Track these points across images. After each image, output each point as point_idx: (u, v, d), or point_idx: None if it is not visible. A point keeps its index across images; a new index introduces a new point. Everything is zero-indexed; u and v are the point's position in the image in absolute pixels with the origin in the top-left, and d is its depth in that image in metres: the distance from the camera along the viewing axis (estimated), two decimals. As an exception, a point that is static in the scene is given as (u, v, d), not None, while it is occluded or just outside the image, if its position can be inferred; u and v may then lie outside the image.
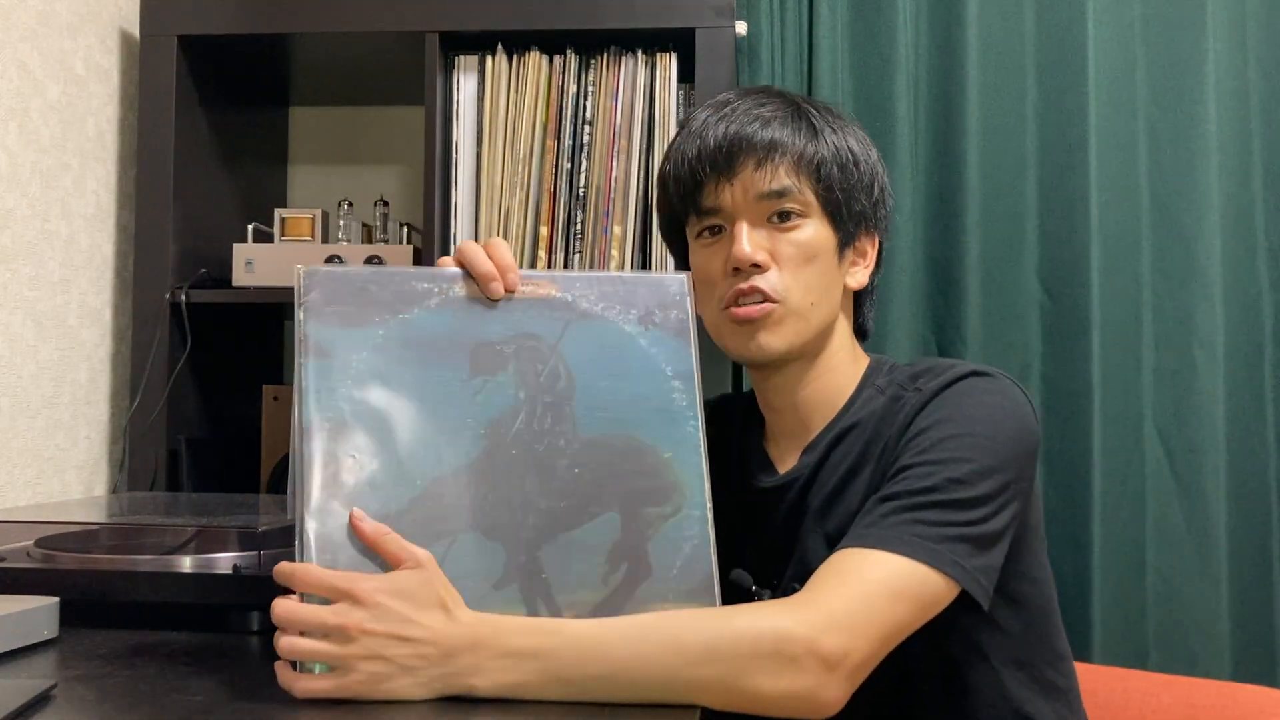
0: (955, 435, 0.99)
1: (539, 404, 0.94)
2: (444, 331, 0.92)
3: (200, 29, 1.67)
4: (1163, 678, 1.38)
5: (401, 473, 0.88)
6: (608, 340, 0.98)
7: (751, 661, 0.84)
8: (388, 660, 0.80)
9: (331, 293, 0.90)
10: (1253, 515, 1.73)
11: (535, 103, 1.64)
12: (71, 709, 0.81)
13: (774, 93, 1.13)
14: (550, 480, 0.93)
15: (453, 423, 0.91)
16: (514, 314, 0.96)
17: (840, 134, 1.10)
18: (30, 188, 1.53)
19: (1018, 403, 1.04)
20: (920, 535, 0.94)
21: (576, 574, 0.91)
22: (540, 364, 0.95)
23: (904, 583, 0.92)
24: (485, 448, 0.91)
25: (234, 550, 1.12)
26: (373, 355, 0.89)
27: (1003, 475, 0.99)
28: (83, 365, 1.65)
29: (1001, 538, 0.99)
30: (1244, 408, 1.74)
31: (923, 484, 0.97)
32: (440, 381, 0.91)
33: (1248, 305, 1.76)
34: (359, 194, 1.94)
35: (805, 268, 1.07)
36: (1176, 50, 1.77)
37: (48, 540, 1.18)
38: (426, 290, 0.93)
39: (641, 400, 0.97)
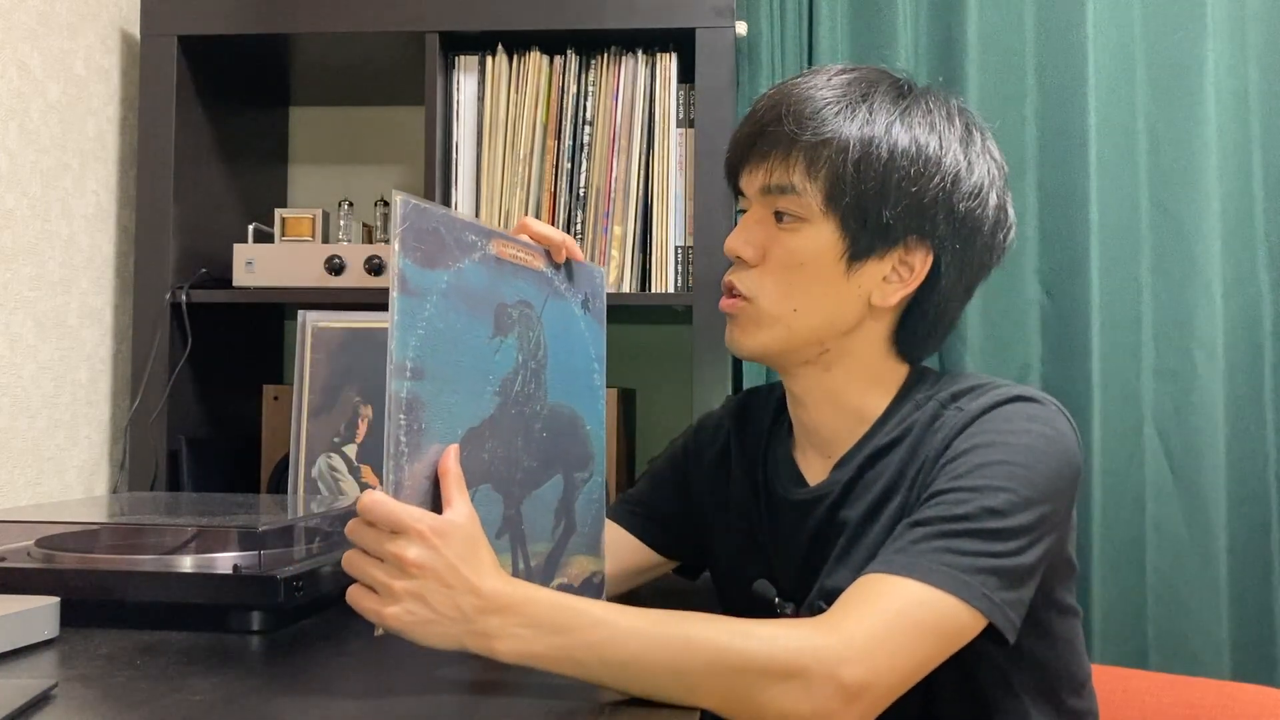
0: (994, 463, 0.94)
1: (529, 368, 1.00)
2: (481, 287, 0.95)
3: (200, 29, 1.67)
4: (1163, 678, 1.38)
5: (452, 419, 0.91)
6: (566, 318, 1.06)
7: (766, 680, 0.84)
8: (427, 603, 0.83)
9: (418, 230, 0.91)
10: (1253, 515, 1.73)
11: (535, 103, 1.64)
12: (71, 709, 0.81)
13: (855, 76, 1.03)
14: (530, 440, 1.00)
15: (480, 378, 0.95)
16: (518, 280, 1.00)
17: (894, 134, 1.00)
18: (30, 188, 1.53)
19: (1061, 433, 0.98)
20: (950, 565, 0.90)
21: (540, 527, 1.00)
22: (532, 331, 1.01)
23: (930, 614, 0.88)
24: (499, 404, 0.96)
25: (234, 550, 1.12)
26: (440, 300, 0.91)
27: (1040, 508, 0.94)
28: (83, 365, 1.65)
29: (1033, 572, 0.95)
30: (1244, 408, 1.74)
31: (957, 511, 0.92)
32: (476, 336, 0.95)
33: (1248, 305, 1.76)
34: (359, 194, 1.94)
35: (789, 273, 1.02)
36: (1176, 50, 1.77)
37: (48, 540, 1.18)
38: (473, 243, 0.95)
39: (579, 375, 1.07)
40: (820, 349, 1.04)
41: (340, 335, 1.53)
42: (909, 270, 1.02)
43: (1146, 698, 1.33)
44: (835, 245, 1.01)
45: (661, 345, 1.91)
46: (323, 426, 1.52)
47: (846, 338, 1.04)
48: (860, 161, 0.99)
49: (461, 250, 0.94)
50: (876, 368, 1.06)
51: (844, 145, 0.99)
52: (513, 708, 0.85)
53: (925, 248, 1.01)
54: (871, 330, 1.05)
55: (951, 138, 1.02)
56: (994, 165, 1.05)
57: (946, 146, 1.01)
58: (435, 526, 0.84)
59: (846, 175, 0.99)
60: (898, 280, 1.02)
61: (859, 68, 1.06)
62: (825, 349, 1.04)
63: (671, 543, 1.23)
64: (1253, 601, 1.72)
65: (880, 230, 1.00)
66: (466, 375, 0.93)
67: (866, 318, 1.04)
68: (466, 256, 0.94)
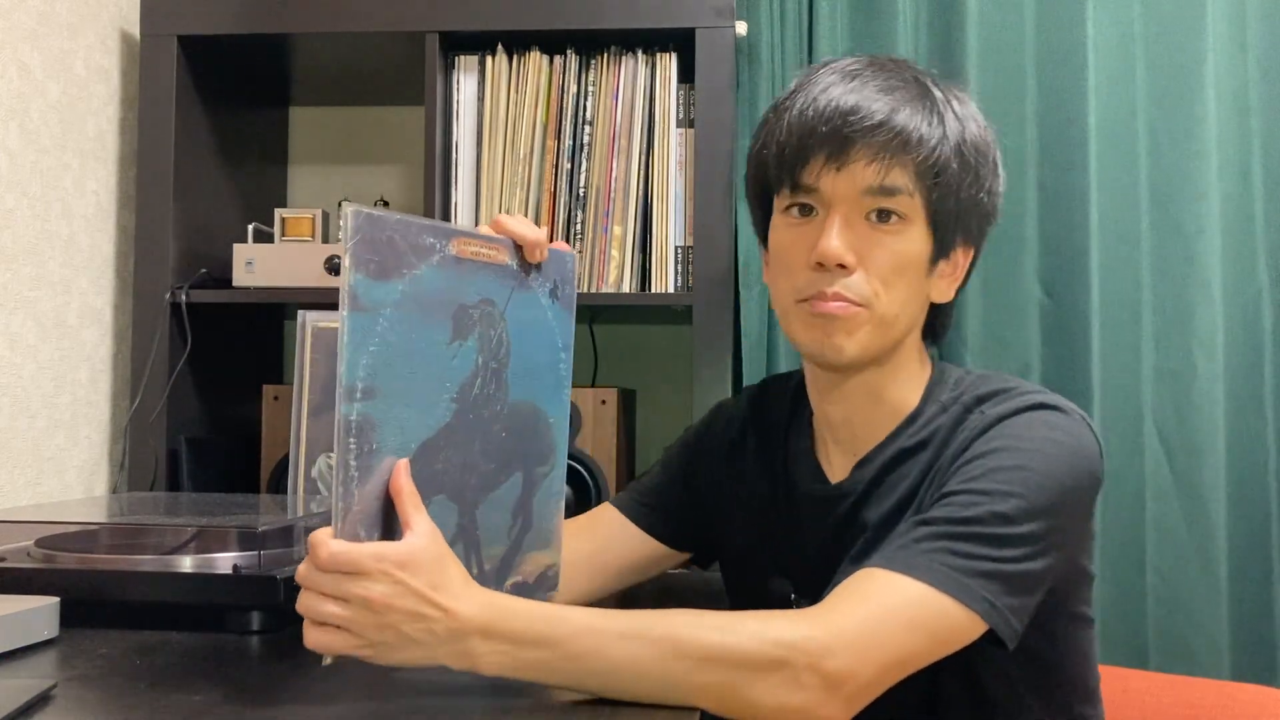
0: (1009, 468, 0.94)
1: (489, 369, 0.97)
2: (438, 291, 0.92)
3: (200, 29, 1.67)
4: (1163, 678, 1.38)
5: (406, 434, 0.89)
6: (531, 310, 1.02)
7: (751, 673, 0.84)
8: (400, 633, 0.82)
9: (371, 241, 0.89)
10: (1253, 515, 1.73)
11: (535, 103, 1.64)
12: (71, 709, 0.81)
13: (905, 69, 1.03)
14: (488, 443, 0.97)
15: (436, 387, 0.92)
16: (480, 278, 0.96)
17: (966, 131, 1.01)
18: (30, 188, 1.53)
19: (1082, 442, 0.98)
20: (951, 566, 0.89)
21: (494, 528, 0.98)
22: (493, 329, 0.98)
23: (923, 613, 0.88)
24: (455, 411, 0.94)
25: (234, 550, 1.12)
26: (393, 313, 0.89)
27: (1052, 518, 0.93)
28: (83, 365, 1.65)
29: (1040, 580, 0.94)
30: (1244, 408, 1.74)
31: (965, 513, 0.92)
32: (432, 344, 0.92)
33: (1248, 305, 1.75)
34: (359, 194, 1.94)
35: (897, 276, 1.00)
36: (1176, 50, 1.76)
37: (48, 540, 1.18)
38: (430, 245, 0.92)
39: (543, 368, 1.03)
40: (897, 348, 1.06)
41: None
42: (955, 267, 1.05)
43: (1146, 698, 1.33)
44: (927, 246, 1.02)
45: (661, 345, 1.91)
46: (323, 426, 1.51)
47: (908, 336, 1.06)
48: (959, 162, 1.00)
49: (418, 256, 0.91)
50: (913, 364, 1.08)
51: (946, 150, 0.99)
52: (513, 707, 0.85)
53: (968, 243, 1.05)
54: (917, 325, 1.07)
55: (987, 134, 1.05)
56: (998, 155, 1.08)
57: (987, 143, 1.04)
58: (399, 560, 0.81)
59: (951, 182, 1.00)
60: (950, 277, 1.06)
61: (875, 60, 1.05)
62: (900, 346, 1.06)
63: (679, 535, 1.21)
64: (1253, 601, 1.72)
65: (960, 228, 1.03)
66: (421, 387, 0.90)
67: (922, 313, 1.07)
68: (423, 262, 0.91)
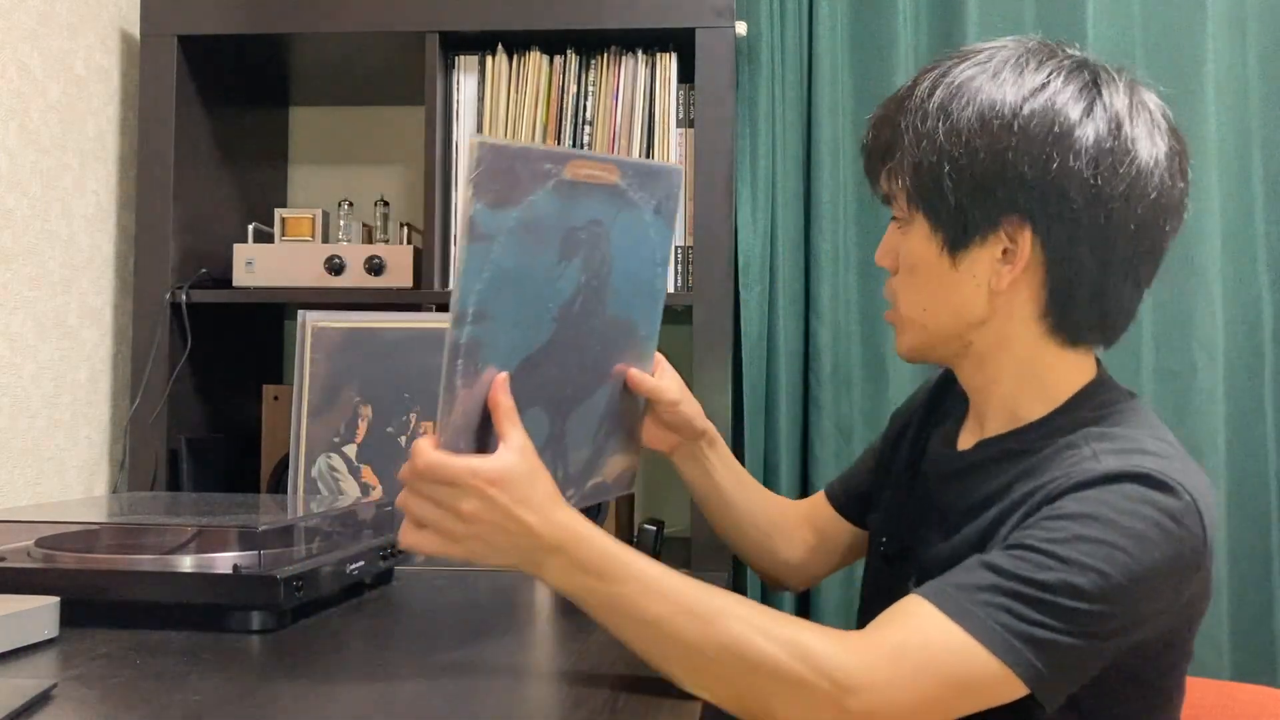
0: (1096, 540, 0.87)
1: (591, 287, 1.02)
2: (550, 215, 0.96)
3: (200, 29, 1.67)
4: (1163, 677, 1.38)
5: (510, 352, 0.95)
6: (635, 228, 1.05)
7: (774, 682, 0.84)
8: (485, 541, 0.89)
9: (492, 172, 0.90)
10: (1253, 515, 1.73)
11: (535, 103, 1.64)
12: (71, 709, 0.81)
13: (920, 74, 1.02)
14: (584, 356, 1.03)
15: (541, 305, 0.97)
16: (590, 200, 0.99)
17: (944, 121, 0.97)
18: (30, 188, 1.53)
19: (1186, 530, 0.89)
20: (1006, 626, 0.85)
21: (581, 435, 1.04)
22: (598, 250, 1.01)
23: (964, 669, 0.85)
24: (555, 329, 0.99)
25: (234, 550, 1.12)
26: (507, 239, 0.92)
27: (1130, 601, 0.87)
28: (83, 365, 1.65)
29: (1097, 658, 0.89)
30: (1244, 408, 1.74)
31: (1038, 576, 0.86)
32: (541, 266, 0.96)
33: (1248, 305, 1.76)
34: (359, 194, 1.94)
35: (910, 276, 1.03)
36: (1176, 50, 1.76)
37: (48, 540, 1.18)
38: (547, 171, 0.94)
39: (640, 283, 1.07)
40: (962, 343, 1.03)
41: (340, 335, 1.53)
42: (1000, 249, 0.98)
43: (1146, 698, 1.32)
44: (932, 240, 1.00)
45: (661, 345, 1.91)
46: (323, 426, 1.52)
47: (985, 328, 1.01)
48: (920, 158, 0.98)
49: (535, 182, 0.93)
50: (1032, 360, 1.01)
51: (906, 145, 0.99)
52: (513, 707, 0.85)
53: (1026, 226, 0.96)
54: (1014, 317, 1.00)
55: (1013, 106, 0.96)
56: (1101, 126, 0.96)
57: (1003, 119, 0.95)
58: (490, 476, 0.88)
59: (921, 173, 0.98)
60: (1001, 261, 0.98)
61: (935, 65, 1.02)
62: (967, 342, 1.02)
63: (862, 517, 1.25)
64: (1253, 601, 1.72)
65: (959, 217, 0.97)
66: (527, 308, 0.96)
67: (1000, 305, 0.99)
68: (540, 188, 0.94)
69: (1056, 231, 0.95)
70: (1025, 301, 0.99)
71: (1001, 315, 1.00)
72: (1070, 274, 0.97)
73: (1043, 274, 0.97)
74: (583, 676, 0.94)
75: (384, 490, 1.49)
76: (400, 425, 1.51)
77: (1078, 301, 0.98)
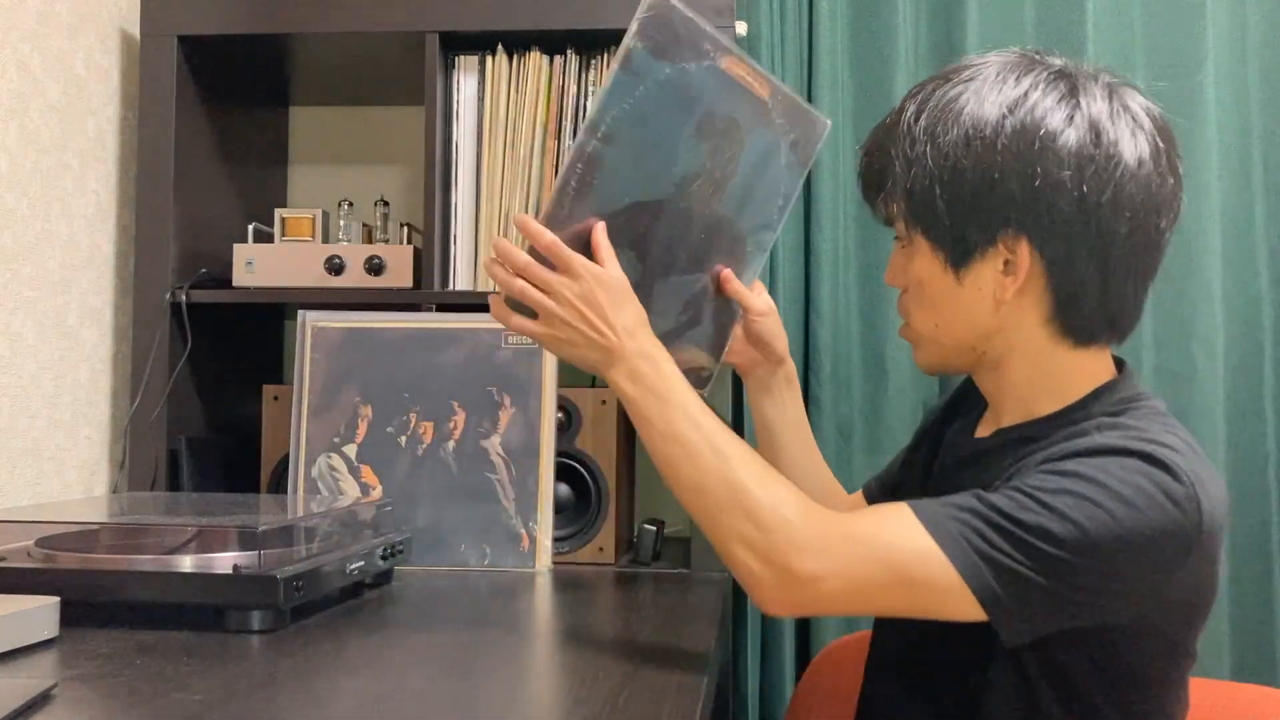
0: (1085, 498, 0.89)
1: (714, 176, 1.14)
2: (696, 90, 1.09)
3: (200, 29, 1.67)
4: (1163, 677, 1.38)
5: (622, 187, 1.08)
6: (769, 149, 1.16)
7: (745, 523, 0.95)
8: (574, 330, 1.02)
9: (659, 22, 1.06)
10: (1253, 515, 1.73)
11: (535, 103, 1.64)
12: (71, 709, 0.81)
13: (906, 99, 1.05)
14: (687, 234, 1.14)
15: (663, 165, 1.10)
16: (735, 99, 1.12)
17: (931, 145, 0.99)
18: (30, 188, 1.53)
19: (1182, 511, 0.90)
20: (973, 545, 0.90)
21: (664, 308, 1.15)
22: (728, 146, 1.13)
23: (917, 568, 0.90)
24: (670, 193, 1.12)
25: (234, 550, 1.12)
26: (655, 87, 1.06)
27: (1103, 565, 0.89)
28: (83, 365, 1.65)
29: (1057, 604, 0.90)
30: (1244, 408, 1.74)
31: (1018, 515, 0.90)
32: (673, 128, 1.09)
33: (1248, 305, 1.76)
34: (359, 194, 1.94)
35: (919, 293, 1.06)
36: (1176, 50, 1.77)
37: (48, 540, 1.18)
38: (706, 51, 1.09)
39: (758, 201, 1.18)
40: (976, 354, 1.05)
41: (340, 335, 1.53)
42: (1002, 262, 1.00)
43: (1146, 698, 1.32)
44: (935, 259, 1.03)
45: (661, 345, 1.91)
46: (323, 426, 1.52)
47: (998, 337, 1.03)
48: (912, 183, 1.01)
49: (693, 54, 1.08)
50: (1046, 363, 1.03)
51: (898, 171, 1.02)
52: (513, 706, 0.85)
53: (1022, 238, 0.98)
54: (1022, 324, 1.02)
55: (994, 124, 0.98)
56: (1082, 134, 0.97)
57: (985, 139, 0.98)
58: (597, 275, 1.02)
59: (915, 197, 1.01)
60: (1011, 274, 1.00)
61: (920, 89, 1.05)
62: (981, 352, 1.05)
63: None
64: (1253, 601, 1.72)
65: (957, 235, 1.00)
66: (651, 156, 1.09)
67: (1007, 315, 1.02)
68: (695, 61, 1.08)
69: (1051, 241, 0.98)
70: (1032, 308, 1.01)
71: (1011, 324, 1.02)
72: (1072, 279, 0.99)
73: (1045, 281, 1.00)
74: (583, 675, 0.94)
75: (384, 490, 1.49)
76: (400, 425, 1.51)
77: (1083, 304, 1.00)
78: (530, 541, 1.48)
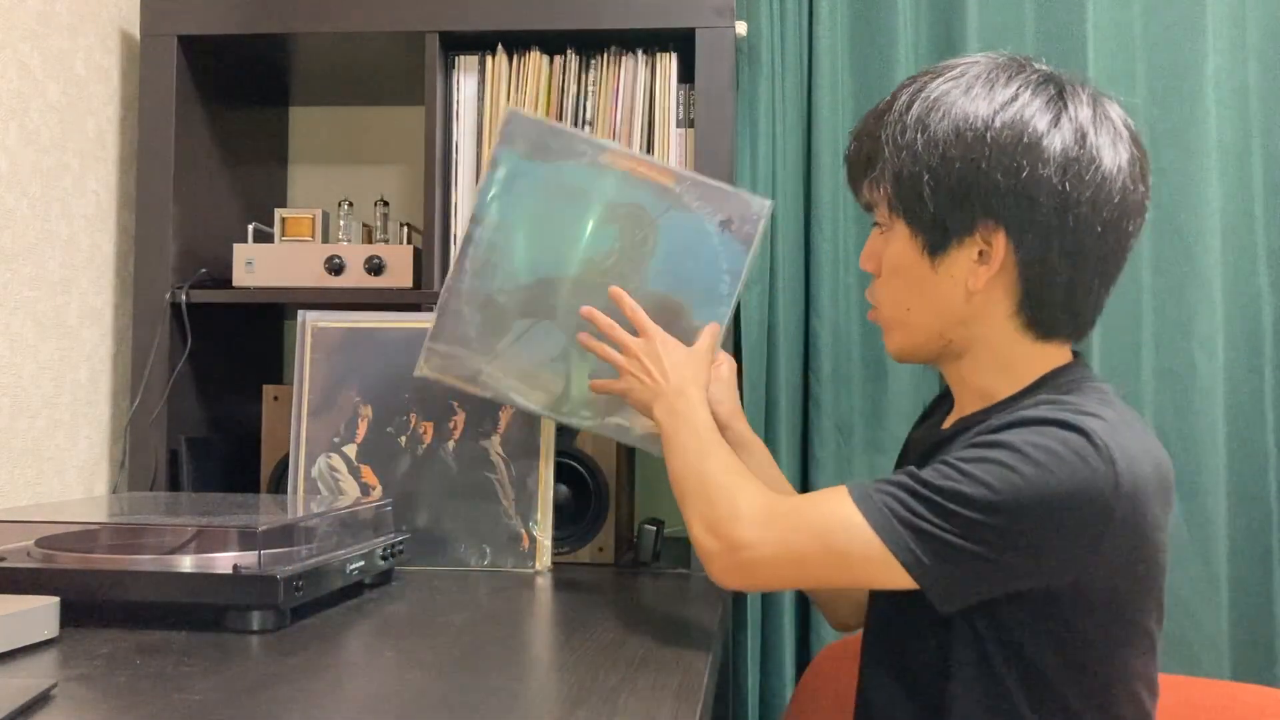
0: (998, 462, 0.95)
1: (627, 254, 1.28)
2: (582, 184, 1.25)
3: (200, 29, 1.67)
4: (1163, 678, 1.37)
5: (521, 266, 1.27)
6: (693, 229, 1.29)
7: (708, 507, 1.08)
8: (636, 378, 1.23)
9: (522, 132, 1.24)
10: (1253, 515, 1.73)
11: (535, 103, 1.64)
12: (71, 709, 0.81)
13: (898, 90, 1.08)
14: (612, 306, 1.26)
15: (565, 247, 1.28)
16: (634, 187, 1.27)
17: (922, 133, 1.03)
18: (30, 188, 1.53)
19: (1093, 471, 0.94)
20: (894, 513, 0.97)
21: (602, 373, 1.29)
22: (640, 229, 1.27)
23: (841, 535, 0.99)
24: (580, 271, 1.29)
25: (234, 550, 1.12)
26: (531, 183, 1.24)
27: (1017, 523, 0.94)
28: (83, 365, 1.65)
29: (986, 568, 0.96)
30: (1244, 408, 1.74)
31: (936, 481, 0.97)
32: (568, 217, 1.26)
33: (1248, 305, 1.76)
34: (359, 194, 1.94)
35: (893, 278, 1.10)
36: (1176, 50, 1.77)
37: (48, 540, 1.18)
38: (581, 151, 1.26)
39: (697, 279, 1.30)
40: (943, 341, 1.09)
41: (340, 335, 1.53)
42: (977, 252, 1.04)
43: (1146, 698, 1.32)
44: (913, 244, 1.07)
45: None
46: (323, 426, 1.52)
47: (965, 326, 1.08)
48: (900, 168, 1.05)
49: (566, 155, 1.25)
50: (1007, 353, 1.08)
51: (887, 156, 1.06)
52: (513, 706, 0.85)
53: (999, 230, 1.03)
54: (990, 315, 1.06)
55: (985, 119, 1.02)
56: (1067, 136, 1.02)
57: (976, 132, 1.02)
58: (661, 337, 1.24)
59: (901, 182, 1.05)
60: (978, 262, 1.04)
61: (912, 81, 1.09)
62: (948, 340, 1.09)
63: None
64: (1253, 601, 1.72)
65: (937, 223, 1.04)
66: (550, 240, 1.27)
67: (977, 304, 1.06)
68: (571, 160, 1.25)
69: (1028, 234, 1.02)
70: (1000, 300, 1.06)
71: (979, 313, 1.07)
72: (1042, 273, 1.03)
73: (1016, 274, 1.04)
74: (583, 675, 0.94)
75: (384, 490, 1.49)
76: (400, 425, 1.51)
77: (1049, 299, 1.05)
78: (530, 541, 1.48)
